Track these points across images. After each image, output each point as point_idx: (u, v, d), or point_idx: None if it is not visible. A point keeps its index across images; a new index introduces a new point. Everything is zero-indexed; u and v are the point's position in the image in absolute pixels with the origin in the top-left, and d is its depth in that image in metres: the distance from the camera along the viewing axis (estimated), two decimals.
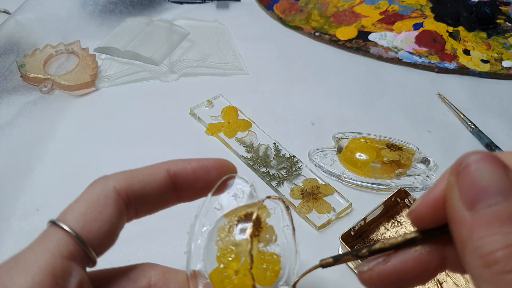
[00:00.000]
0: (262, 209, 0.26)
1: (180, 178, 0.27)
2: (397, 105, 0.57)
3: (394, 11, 0.69)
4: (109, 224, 0.24)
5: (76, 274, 0.22)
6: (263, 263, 0.25)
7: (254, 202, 0.27)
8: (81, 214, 0.23)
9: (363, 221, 0.43)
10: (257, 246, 0.26)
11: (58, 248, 0.22)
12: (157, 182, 0.26)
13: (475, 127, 0.53)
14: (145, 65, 0.62)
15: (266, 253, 0.26)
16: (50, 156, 0.52)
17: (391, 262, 0.22)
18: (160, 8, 0.72)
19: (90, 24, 0.69)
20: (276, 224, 0.27)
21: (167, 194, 0.27)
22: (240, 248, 0.25)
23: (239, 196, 0.27)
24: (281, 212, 0.28)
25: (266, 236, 0.26)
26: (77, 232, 0.22)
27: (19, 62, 0.60)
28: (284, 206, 0.27)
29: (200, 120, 0.55)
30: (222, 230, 0.26)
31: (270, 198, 0.27)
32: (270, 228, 0.27)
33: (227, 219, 0.26)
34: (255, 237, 0.26)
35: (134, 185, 0.25)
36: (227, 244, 0.25)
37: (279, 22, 0.70)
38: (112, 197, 0.24)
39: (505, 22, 0.67)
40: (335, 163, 0.50)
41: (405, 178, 0.48)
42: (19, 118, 0.55)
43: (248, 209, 0.26)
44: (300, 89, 0.59)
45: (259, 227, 0.26)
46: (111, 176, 0.25)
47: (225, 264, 0.25)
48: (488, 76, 0.60)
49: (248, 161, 0.50)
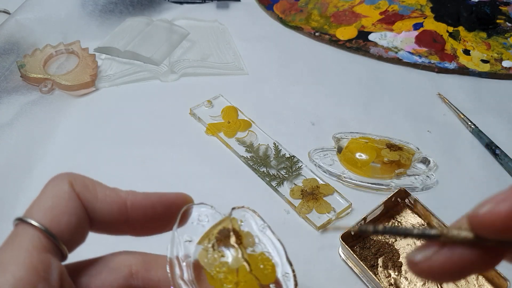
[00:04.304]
0: (233, 220, 0.27)
1: (136, 211, 0.25)
2: (397, 105, 0.57)
3: (394, 11, 0.69)
4: (76, 217, 0.23)
5: (55, 266, 0.22)
6: (258, 264, 0.26)
7: (222, 218, 0.27)
8: (47, 208, 0.23)
9: (363, 221, 0.43)
10: (245, 251, 0.26)
11: (32, 244, 0.21)
12: (110, 207, 0.25)
13: (475, 127, 0.53)
14: (145, 65, 0.62)
15: (256, 254, 0.26)
16: (50, 156, 0.52)
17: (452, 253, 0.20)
18: (160, 8, 0.72)
19: (90, 24, 0.69)
20: (251, 229, 0.27)
21: (117, 223, 0.25)
22: (231, 259, 0.25)
23: (204, 221, 0.28)
24: (251, 217, 0.28)
25: (248, 241, 0.27)
26: (46, 227, 0.22)
27: (19, 62, 0.60)
28: (251, 211, 0.28)
29: (200, 120, 0.55)
30: (204, 254, 0.26)
31: (236, 209, 0.27)
32: (248, 233, 0.27)
33: (203, 244, 0.26)
34: (240, 245, 0.26)
35: (87, 196, 0.24)
36: (216, 262, 0.25)
37: (279, 22, 0.70)
38: (74, 193, 0.24)
39: (505, 22, 0.67)
40: (335, 163, 0.50)
41: (405, 178, 0.48)
42: (19, 118, 0.55)
43: (219, 226, 0.27)
44: (300, 89, 0.59)
45: (239, 236, 0.26)
46: (71, 175, 0.25)
47: (221, 280, 0.25)
48: (488, 76, 0.60)
49: (248, 161, 0.50)
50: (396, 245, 0.43)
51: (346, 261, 0.42)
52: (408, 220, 0.44)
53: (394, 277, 0.40)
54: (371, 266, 0.41)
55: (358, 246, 0.43)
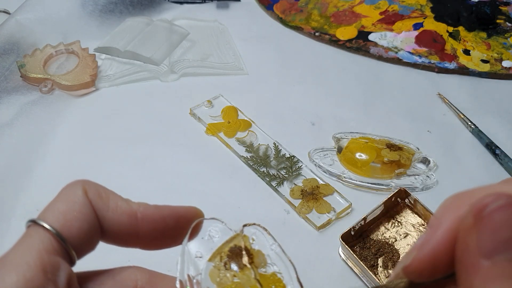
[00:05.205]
0: (245, 238, 0.27)
1: (147, 224, 0.25)
2: (397, 105, 0.57)
3: (394, 11, 0.69)
4: (88, 223, 0.24)
5: (64, 268, 0.22)
6: (270, 285, 0.26)
7: (233, 235, 0.27)
8: (61, 213, 0.23)
9: (363, 221, 0.43)
10: (257, 271, 0.26)
11: (43, 246, 0.22)
12: (121, 217, 0.25)
13: (475, 127, 0.53)
14: (145, 65, 0.62)
15: (268, 275, 0.26)
16: (50, 156, 0.52)
17: None
18: (160, 8, 0.72)
19: (90, 24, 0.69)
20: (262, 247, 0.27)
21: (127, 235, 0.25)
22: (243, 279, 0.25)
23: (214, 237, 0.27)
24: (261, 235, 0.28)
25: (260, 260, 0.27)
26: (58, 230, 0.22)
27: (19, 62, 0.60)
28: (262, 228, 0.28)
29: (200, 120, 0.55)
30: (216, 272, 0.26)
31: (247, 226, 0.27)
32: (259, 252, 0.27)
33: (214, 262, 0.26)
34: (252, 264, 0.26)
35: (99, 204, 0.24)
36: (228, 281, 0.25)
37: (279, 22, 0.70)
38: (88, 199, 0.24)
39: (505, 22, 0.67)
40: (335, 163, 0.50)
41: (405, 178, 0.48)
42: (19, 118, 0.55)
43: (231, 243, 0.27)
44: (300, 89, 0.59)
45: (251, 255, 0.26)
46: (86, 182, 0.25)
47: None
48: (488, 76, 0.60)
49: (248, 161, 0.50)
50: (396, 245, 0.43)
51: (346, 261, 0.42)
52: (408, 220, 0.44)
53: None
54: (371, 266, 0.41)
55: (358, 246, 0.43)
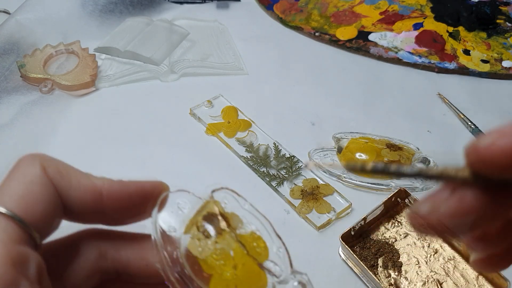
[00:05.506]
0: (217, 203, 0.26)
1: (112, 201, 0.24)
2: (397, 105, 0.57)
3: (394, 11, 0.69)
4: (50, 205, 0.22)
5: (33, 258, 0.20)
6: (251, 243, 0.26)
7: (204, 203, 0.27)
8: (20, 196, 0.21)
9: (363, 221, 0.43)
10: (237, 233, 0.26)
11: (7, 236, 0.20)
12: (84, 195, 0.23)
13: (475, 127, 0.53)
14: (145, 65, 0.62)
15: (247, 235, 0.26)
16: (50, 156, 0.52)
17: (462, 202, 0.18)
18: (160, 8, 0.72)
19: (90, 24, 0.69)
20: (235, 209, 0.27)
21: (91, 212, 0.24)
22: (225, 244, 0.25)
23: (184, 208, 0.27)
24: (232, 197, 0.27)
25: (236, 222, 0.26)
26: (21, 217, 0.20)
27: (19, 62, 0.60)
28: (230, 191, 0.27)
29: (200, 120, 0.55)
30: (195, 243, 0.26)
31: (215, 191, 0.27)
32: (233, 214, 0.27)
33: (191, 233, 0.26)
34: (230, 228, 0.26)
35: (60, 182, 0.23)
36: (210, 249, 0.25)
37: (279, 22, 0.70)
38: (48, 178, 0.22)
39: (505, 22, 0.67)
40: (335, 163, 0.50)
41: (405, 178, 0.48)
42: (19, 118, 0.55)
43: (203, 211, 0.26)
44: (300, 89, 0.59)
45: (226, 219, 0.26)
46: (43, 157, 0.23)
47: (219, 267, 0.25)
48: (488, 76, 0.60)
49: (248, 161, 0.50)
50: (396, 245, 0.43)
51: (346, 261, 0.42)
52: (408, 221, 0.44)
53: (394, 277, 0.40)
54: (371, 266, 0.41)
55: (358, 246, 0.43)
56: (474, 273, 0.40)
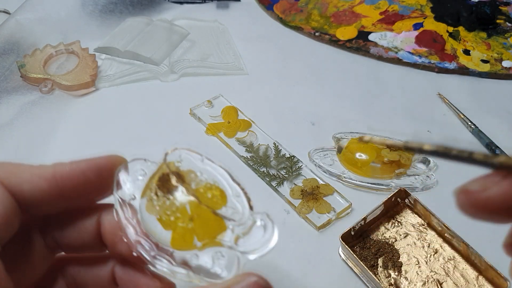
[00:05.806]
0: (169, 164, 0.27)
1: (67, 182, 0.24)
2: (397, 105, 0.57)
3: (394, 11, 0.69)
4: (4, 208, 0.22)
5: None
6: (206, 194, 0.26)
7: (158, 166, 0.27)
8: None
9: (363, 221, 0.43)
10: (190, 187, 0.26)
11: None
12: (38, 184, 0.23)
13: (475, 127, 0.53)
14: (145, 65, 0.62)
15: (201, 186, 0.27)
16: (50, 156, 0.52)
17: None
18: (160, 8, 0.72)
19: (90, 24, 0.69)
20: (191, 165, 0.28)
21: (51, 199, 0.24)
22: (179, 199, 0.25)
23: (140, 176, 0.27)
24: (187, 155, 0.28)
25: (190, 177, 0.27)
26: None
27: (19, 62, 0.60)
28: (184, 150, 0.28)
29: (200, 120, 0.55)
30: (151, 205, 0.26)
31: (169, 153, 0.28)
32: (189, 170, 0.27)
33: (147, 195, 0.26)
34: (183, 183, 0.26)
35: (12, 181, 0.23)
36: (165, 207, 0.25)
37: (279, 22, 0.70)
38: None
39: (505, 22, 0.67)
40: (335, 163, 0.50)
41: (405, 178, 0.48)
42: (19, 118, 0.55)
43: (157, 174, 0.27)
44: (300, 89, 0.59)
45: (180, 175, 0.26)
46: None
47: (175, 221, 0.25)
48: (488, 76, 0.60)
49: (248, 161, 0.50)
50: (396, 245, 0.43)
51: (346, 261, 0.42)
52: (408, 220, 0.44)
53: (394, 277, 0.40)
54: (371, 266, 0.41)
55: (358, 246, 0.43)
56: (474, 273, 0.40)
